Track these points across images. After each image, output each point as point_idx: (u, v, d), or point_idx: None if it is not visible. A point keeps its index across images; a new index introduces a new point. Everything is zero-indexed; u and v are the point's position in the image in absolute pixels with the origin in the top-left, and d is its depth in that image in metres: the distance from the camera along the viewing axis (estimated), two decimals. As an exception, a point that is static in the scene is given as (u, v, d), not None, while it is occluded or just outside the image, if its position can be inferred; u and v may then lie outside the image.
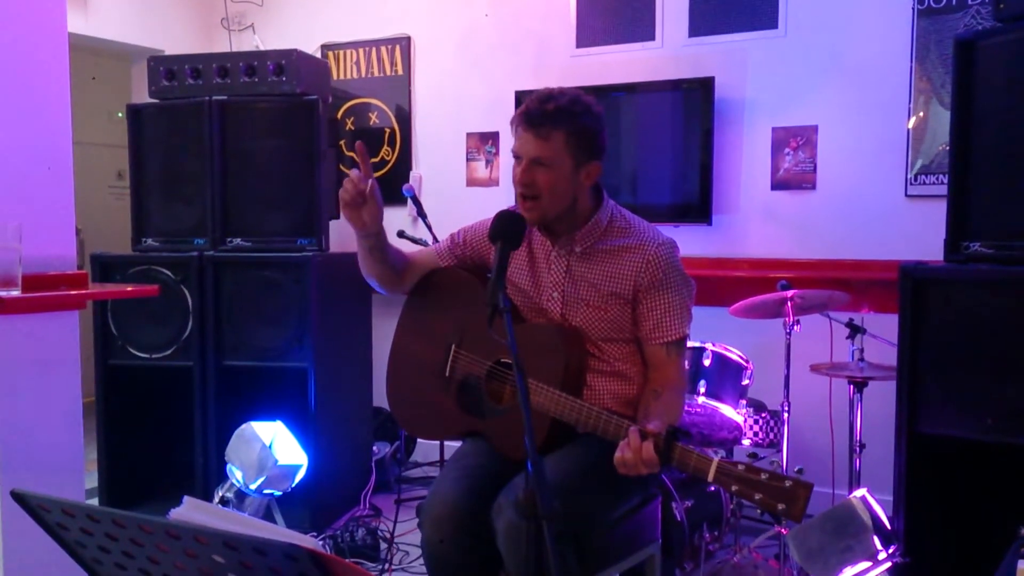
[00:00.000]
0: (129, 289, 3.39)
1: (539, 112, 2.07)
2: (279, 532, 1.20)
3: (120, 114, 4.01)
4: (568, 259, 2.23)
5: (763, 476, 1.73)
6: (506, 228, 2.01)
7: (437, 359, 2.33)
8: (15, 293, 2.31)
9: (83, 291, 2.64)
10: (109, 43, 4.84)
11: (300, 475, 3.58)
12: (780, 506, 1.70)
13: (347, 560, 1.14)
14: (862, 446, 3.09)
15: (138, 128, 3.95)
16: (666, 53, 4.19)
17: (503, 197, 4.41)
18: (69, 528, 1.10)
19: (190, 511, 1.14)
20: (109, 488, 3.91)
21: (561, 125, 2.07)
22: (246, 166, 3.85)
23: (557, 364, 2.11)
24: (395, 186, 4.46)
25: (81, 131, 3.00)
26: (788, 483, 1.71)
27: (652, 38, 4.23)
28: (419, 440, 4.63)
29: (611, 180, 4.24)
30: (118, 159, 5.10)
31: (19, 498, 1.10)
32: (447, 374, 2.31)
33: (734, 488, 1.75)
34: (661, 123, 4.16)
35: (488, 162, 4.65)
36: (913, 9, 3.67)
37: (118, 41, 4.87)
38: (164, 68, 3.93)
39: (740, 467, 1.76)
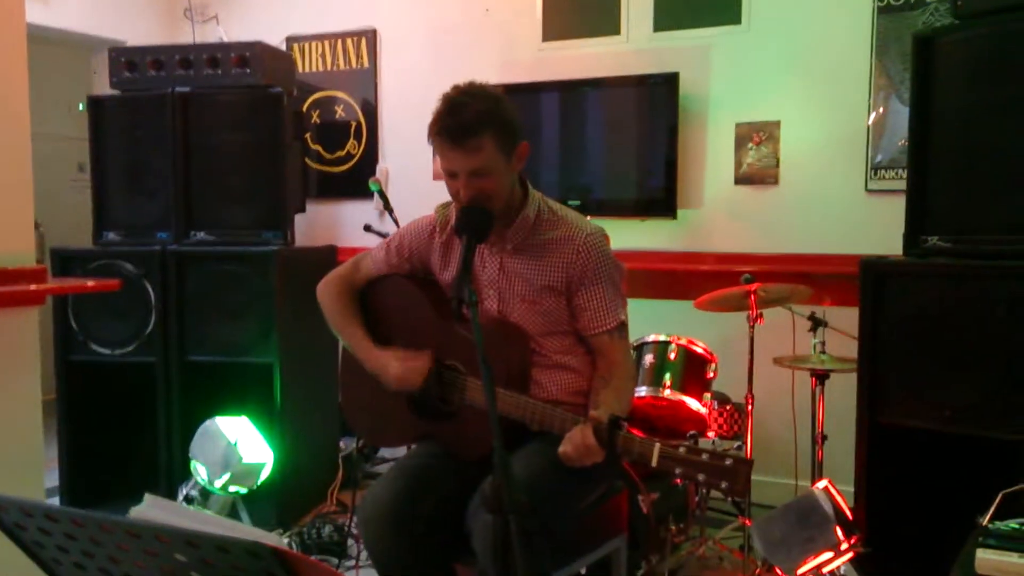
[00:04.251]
0: (90, 284, 3.34)
1: (459, 126, 2.01)
2: (243, 530, 1.20)
3: (81, 106, 3.94)
4: (501, 256, 2.21)
5: (704, 456, 1.77)
6: (472, 222, 2.01)
7: None
8: (-28, 289, 2.27)
9: (42, 286, 2.61)
10: (69, 34, 4.76)
11: (266, 472, 3.56)
12: (723, 484, 1.75)
13: (312, 557, 1.13)
14: (824, 437, 3.13)
15: (99, 120, 3.88)
16: (631, 47, 4.21)
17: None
18: (27, 528, 1.08)
19: (151, 509, 1.13)
20: (70, 487, 3.85)
21: (485, 129, 2.02)
22: (210, 159, 3.80)
23: (498, 361, 2.10)
24: (361, 180, 4.43)
25: (41, 123, 2.95)
26: (728, 461, 1.75)
27: (617, 32, 4.24)
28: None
29: (577, 175, 4.26)
30: (79, 152, 5.01)
31: (-25, 498, 1.08)
32: None
33: (678, 471, 1.79)
34: (627, 118, 4.17)
35: (455, 156, 4.63)
36: (873, 6, 3.71)
37: (79, 32, 4.79)
38: (125, 59, 3.86)
39: (681, 450, 1.79)
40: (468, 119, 2.01)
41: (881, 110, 3.72)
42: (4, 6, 2.56)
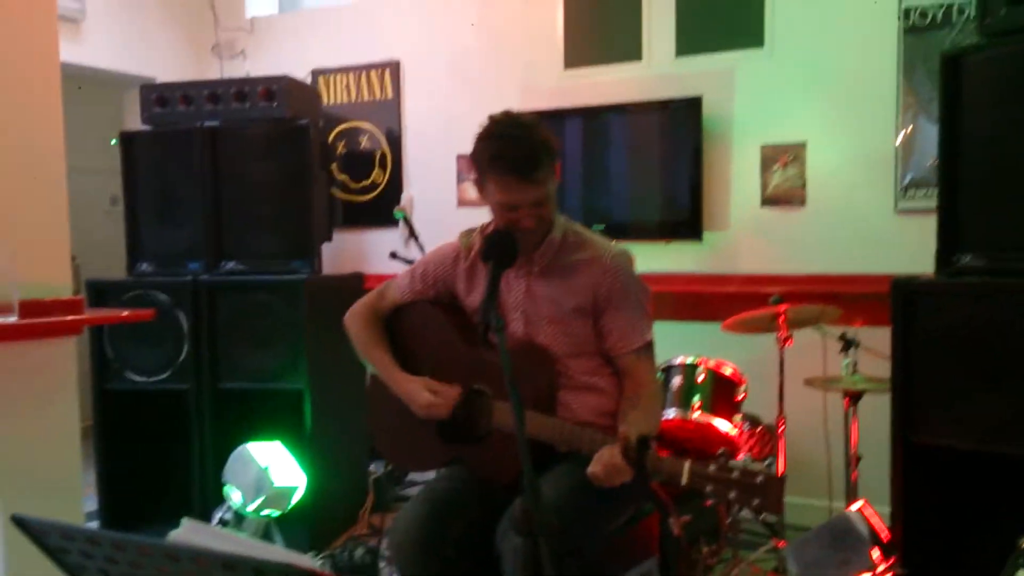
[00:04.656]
0: (124, 314, 3.39)
1: (526, 159, 2.04)
2: (277, 553, 1.21)
3: (113, 141, 4.03)
4: (527, 279, 2.23)
5: (735, 474, 1.76)
6: (499, 248, 2.03)
7: None
8: (12, 320, 2.31)
9: (79, 317, 2.65)
10: (101, 71, 4.87)
11: (298, 495, 3.58)
12: (755, 501, 1.73)
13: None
14: (859, 458, 3.09)
15: (131, 154, 3.97)
16: (654, 73, 4.23)
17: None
18: (70, 551, 1.10)
19: (189, 533, 1.15)
20: (108, 511, 3.91)
21: (545, 158, 2.07)
22: (239, 190, 3.87)
23: (525, 384, 2.10)
24: (387, 208, 4.48)
25: (74, 157, 3.01)
26: (760, 478, 1.74)
27: (639, 58, 4.27)
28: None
29: (601, 200, 4.28)
30: (112, 185, 5.11)
31: (20, 523, 1.10)
32: None
33: (708, 488, 1.78)
34: (650, 142, 4.19)
35: (480, 182, 4.66)
36: (899, 26, 3.71)
37: (110, 70, 4.90)
38: (156, 95, 3.96)
39: (712, 468, 1.78)
40: (532, 151, 2.05)
41: (910, 129, 3.71)
42: (39, 44, 2.64)
